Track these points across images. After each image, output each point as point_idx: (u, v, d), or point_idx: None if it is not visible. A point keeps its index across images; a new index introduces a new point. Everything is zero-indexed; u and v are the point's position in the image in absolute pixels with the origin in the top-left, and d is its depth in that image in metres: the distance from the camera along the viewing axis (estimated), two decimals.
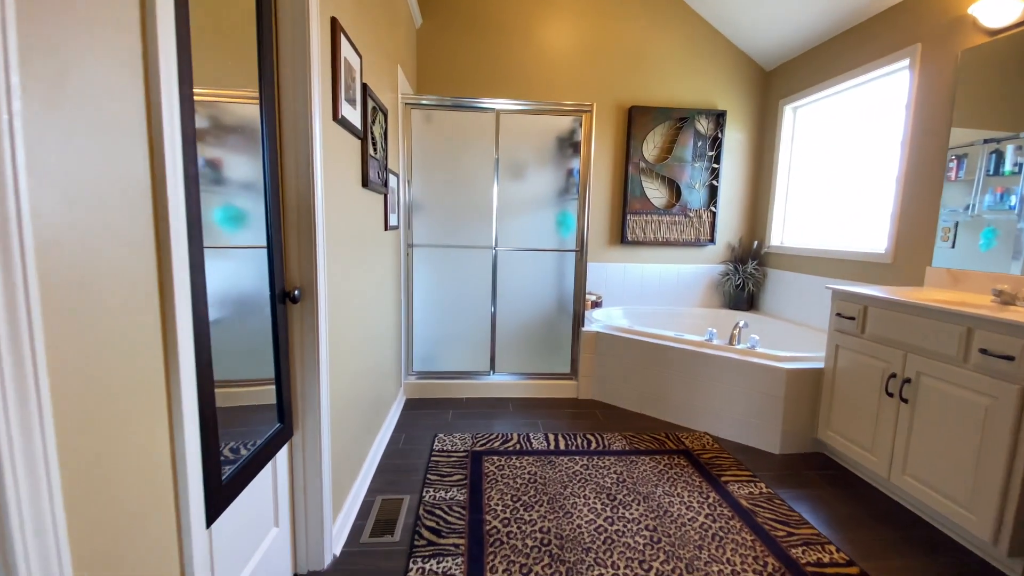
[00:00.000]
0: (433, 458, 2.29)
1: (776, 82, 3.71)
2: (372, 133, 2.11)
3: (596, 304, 3.82)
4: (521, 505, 1.92)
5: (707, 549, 1.69)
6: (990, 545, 1.63)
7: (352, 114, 1.81)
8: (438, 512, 1.87)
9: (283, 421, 1.40)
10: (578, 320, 3.21)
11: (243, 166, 1.23)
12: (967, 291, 2.21)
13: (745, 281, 3.79)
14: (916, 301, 1.89)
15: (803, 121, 3.54)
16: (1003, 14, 2.08)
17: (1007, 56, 2.08)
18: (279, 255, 1.35)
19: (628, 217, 3.83)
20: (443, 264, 3.10)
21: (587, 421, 2.80)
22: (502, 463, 2.25)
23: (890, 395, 1.98)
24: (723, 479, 2.17)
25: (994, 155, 2.15)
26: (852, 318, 2.19)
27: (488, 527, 1.78)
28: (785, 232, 3.70)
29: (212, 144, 1.20)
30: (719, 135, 3.77)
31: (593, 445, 2.47)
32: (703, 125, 3.77)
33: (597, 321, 3.34)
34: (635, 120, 3.71)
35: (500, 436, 2.54)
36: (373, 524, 1.82)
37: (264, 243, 1.30)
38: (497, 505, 1.92)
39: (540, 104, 3.00)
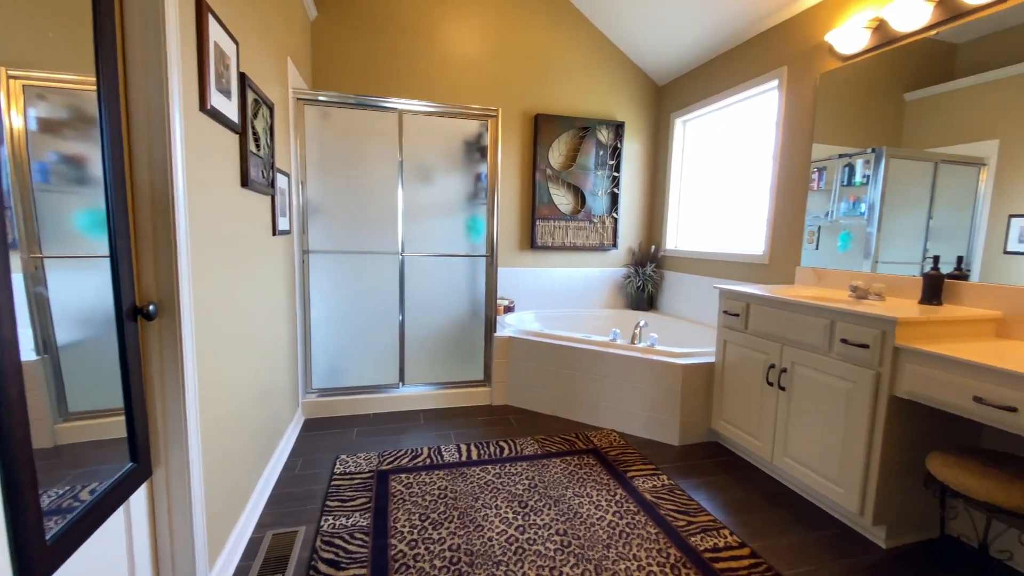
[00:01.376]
0: (334, 482, 2.11)
1: (668, 96, 3.97)
2: (254, 128, 1.91)
3: (509, 309, 3.81)
4: (430, 524, 1.83)
5: (615, 547, 1.71)
6: (858, 516, 1.81)
7: (226, 105, 1.61)
8: (337, 542, 1.71)
9: (137, 459, 1.19)
10: (490, 326, 3.17)
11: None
12: (829, 287, 2.48)
13: (645, 283, 4.00)
14: (789, 298, 2.08)
15: (692, 133, 3.82)
16: (854, 42, 2.37)
17: (857, 80, 2.38)
18: (127, 264, 1.15)
19: (537, 222, 3.88)
20: (345, 272, 2.90)
21: (501, 428, 2.76)
22: (411, 480, 2.13)
23: (770, 384, 2.17)
24: (629, 474, 2.23)
25: (847, 168, 2.44)
26: (737, 315, 2.36)
27: (393, 552, 1.66)
28: (679, 237, 3.96)
29: (73, 139, 1.03)
30: (618, 145, 3.95)
31: (506, 452, 2.43)
32: (604, 135, 3.93)
33: (510, 326, 3.32)
34: (541, 128, 3.78)
35: (409, 452, 2.41)
36: (261, 564, 1.62)
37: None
38: (404, 527, 1.80)
39: (445, 106, 2.93)
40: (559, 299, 4.05)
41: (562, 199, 3.93)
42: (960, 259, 1.96)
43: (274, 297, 2.23)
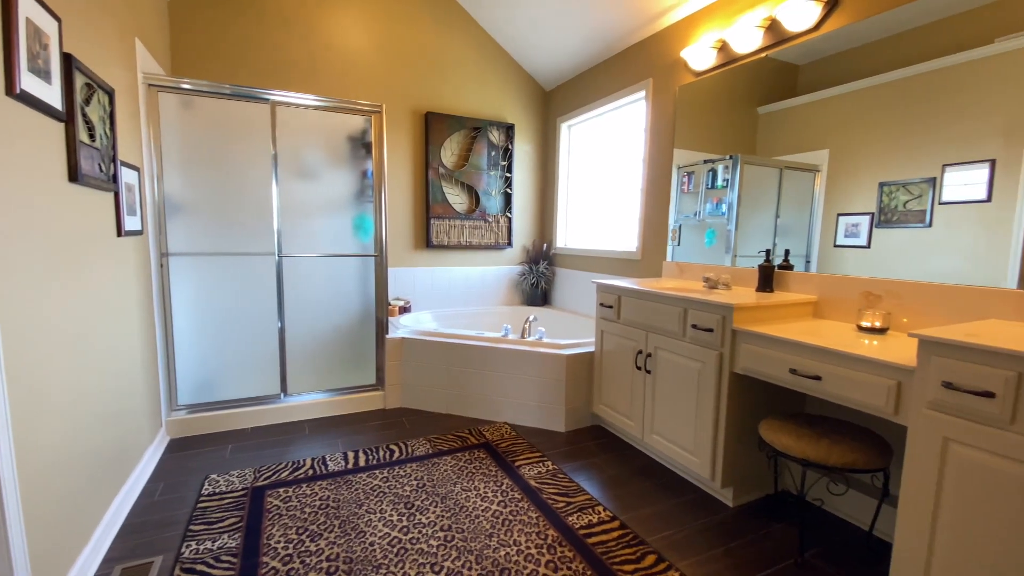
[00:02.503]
0: (200, 504, 1.94)
1: (554, 101, 4.15)
2: (86, 116, 1.69)
3: (405, 309, 3.76)
4: (307, 536, 1.75)
5: (497, 535, 1.77)
6: (710, 481, 2.05)
7: (45, 90, 1.42)
8: (200, 568, 1.58)
9: None
10: (382, 327, 3.10)
11: None
12: (689, 279, 2.77)
13: (539, 279, 4.15)
14: (652, 290, 2.29)
15: (576, 137, 4.04)
16: (703, 60, 2.66)
17: (716, 93, 2.65)
18: None
19: (432, 221, 3.86)
20: (214, 276, 2.67)
21: (393, 431, 2.72)
22: (289, 494, 2.03)
23: (639, 368, 2.37)
24: (516, 464, 2.32)
25: (711, 172, 2.72)
26: (611, 307, 2.55)
27: (264, 570, 1.57)
28: (568, 235, 4.17)
29: None
30: (510, 146, 4.06)
31: (396, 455, 2.40)
32: (495, 136, 4.02)
33: (404, 327, 3.27)
34: (432, 126, 3.76)
35: (290, 464, 2.29)
36: None
37: None
38: (279, 543, 1.71)
39: (325, 100, 2.81)
40: (457, 298, 4.07)
41: (456, 198, 3.95)
42: (787, 252, 2.29)
43: (122, 307, 1.99)
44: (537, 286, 4.18)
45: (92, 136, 1.73)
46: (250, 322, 2.77)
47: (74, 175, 1.59)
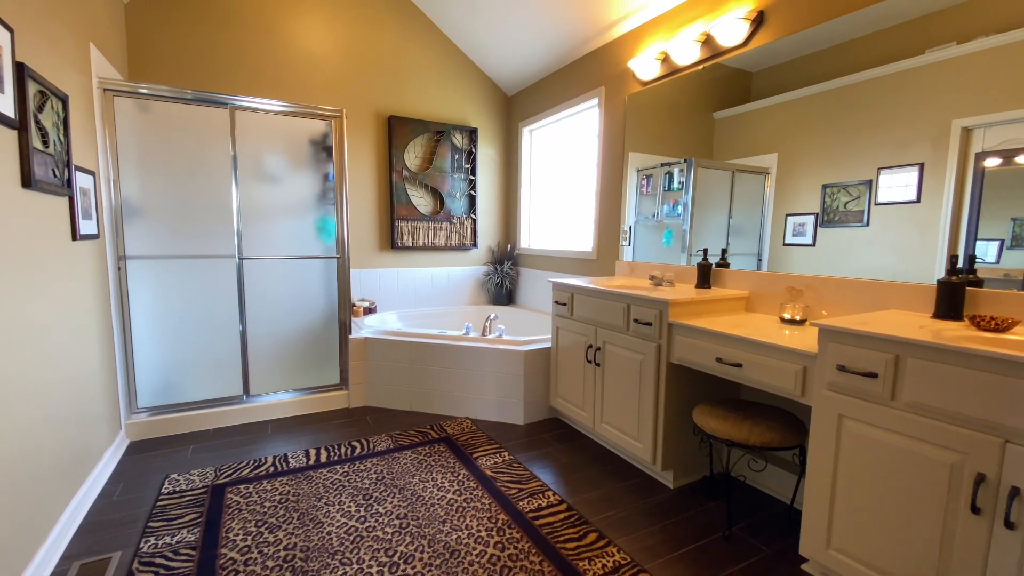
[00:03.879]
0: (160, 503, 1.98)
1: (516, 106, 4.28)
2: (39, 122, 1.72)
3: (370, 310, 3.82)
4: (266, 528, 1.82)
5: (450, 521, 1.87)
6: (652, 464, 2.19)
7: None
8: (158, 560, 1.64)
9: None
10: (344, 328, 3.17)
11: None
12: (638, 277, 2.92)
13: (503, 279, 4.27)
14: (601, 287, 2.43)
15: (538, 141, 4.17)
16: (648, 70, 2.81)
17: (664, 99, 2.78)
18: None
19: (396, 223, 3.93)
20: (173, 278, 2.69)
21: (356, 429, 2.79)
22: (250, 490, 2.09)
23: (589, 362, 2.50)
24: (475, 456, 2.42)
25: (668, 175, 2.84)
26: (565, 304, 2.68)
27: (222, 561, 1.64)
28: (531, 236, 4.30)
29: None
30: (473, 150, 4.16)
31: (358, 451, 2.48)
32: (459, 140, 4.11)
33: (368, 327, 3.34)
34: (395, 130, 3.84)
35: (252, 462, 2.34)
36: None
37: None
38: (238, 536, 1.78)
39: (285, 105, 2.86)
40: (423, 298, 4.15)
41: (420, 200, 4.03)
42: (724, 251, 2.46)
43: (78, 310, 2.02)
44: (502, 286, 4.29)
45: (45, 142, 1.76)
46: (211, 324, 2.79)
47: (27, 181, 1.62)
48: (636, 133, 3.00)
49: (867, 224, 1.89)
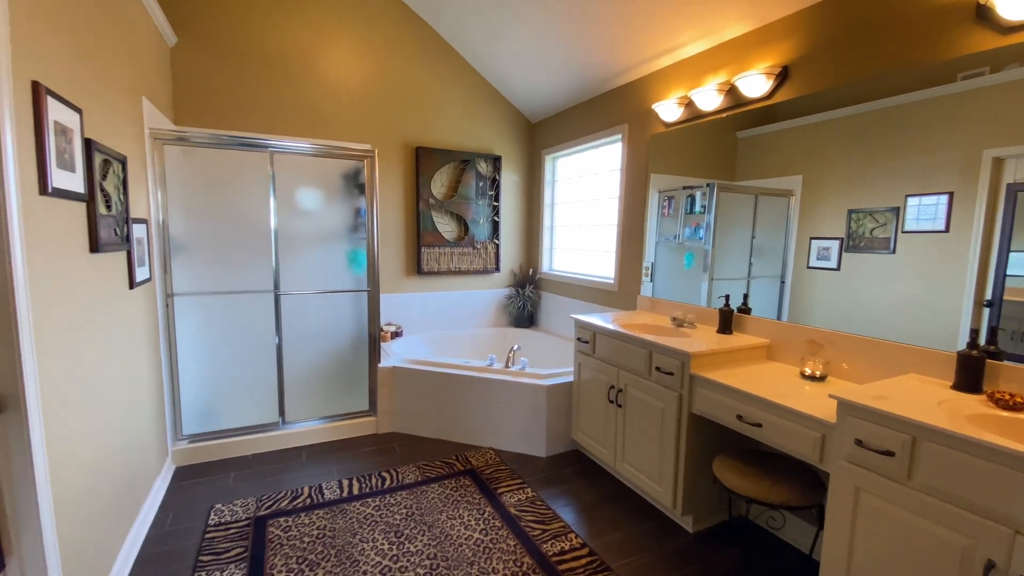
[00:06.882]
0: (208, 535, 2.13)
1: (539, 134, 4.35)
2: (104, 190, 1.87)
3: (397, 334, 3.95)
4: (307, 565, 1.95)
5: (477, 563, 1.97)
6: (672, 508, 2.26)
7: (70, 179, 1.60)
8: None
9: None
10: (374, 358, 3.29)
11: None
12: (659, 314, 2.98)
13: (525, 302, 4.36)
14: (622, 331, 2.49)
15: (561, 169, 4.24)
16: (672, 113, 2.86)
17: (679, 142, 2.84)
18: None
19: (423, 249, 4.05)
20: (216, 312, 2.85)
21: (385, 457, 2.91)
22: (289, 524, 2.22)
23: (611, 402, 2.58)
24: (499, 491, 2.52)
25: (690, 199, 2.86)
26: (587, 342, 2.76)
27: None
28: (553, 261, 4.38)
29: None
30: (497, 177, 4.26)
31: (387, 483, 2.60)
32: (483, 167, 4.21)
33: (395, 355, 3.46)
34: (422, 160, 3.95)
35: (289, 493, 2.48)
36: None
37: None
38: (280, 573, 1.91)
39: (320, 145, 2.99)
40: (447, 321, 4.26)
41: (446, 227, 4.14)
42: (745, 297, 2.50)
43: (134, 350, 2.17)
44: (524, 308, 4.38)
45: (109, 206, 1.91)
46: (250, 355, 2.95)
47: (95, 246, 1.77)
48: (657, 159, 3.03)
49: (893, 252, 1.86)
